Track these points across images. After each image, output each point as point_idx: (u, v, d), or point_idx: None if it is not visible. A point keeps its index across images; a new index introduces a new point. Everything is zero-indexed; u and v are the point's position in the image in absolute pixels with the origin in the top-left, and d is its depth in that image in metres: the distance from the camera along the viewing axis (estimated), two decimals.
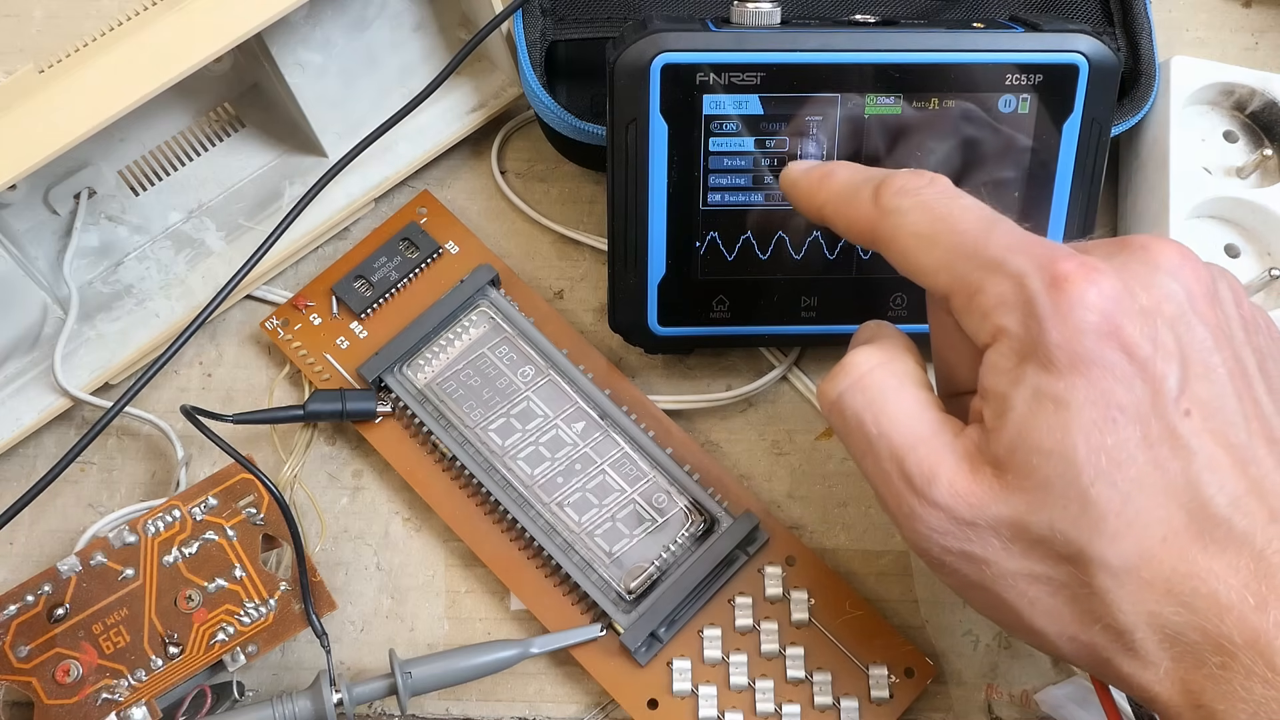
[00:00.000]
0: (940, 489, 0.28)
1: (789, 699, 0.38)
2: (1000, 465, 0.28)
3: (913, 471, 0.29)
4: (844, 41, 0.37)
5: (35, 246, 0.43)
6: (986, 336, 0.29)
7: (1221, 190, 0.43)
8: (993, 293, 0.28)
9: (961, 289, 0.29)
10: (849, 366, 0.31)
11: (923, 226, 0.30)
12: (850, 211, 0.32)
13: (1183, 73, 0.44)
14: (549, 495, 0.40)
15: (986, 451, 0.28)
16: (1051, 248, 0.28)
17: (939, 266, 0.30)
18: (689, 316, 0.41)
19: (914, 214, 0.30)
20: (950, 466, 0.28)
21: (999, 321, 0.28)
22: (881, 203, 0.31)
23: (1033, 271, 0.28)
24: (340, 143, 0.45)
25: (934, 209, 0.30)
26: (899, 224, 0.31)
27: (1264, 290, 0.42)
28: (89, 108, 0.36)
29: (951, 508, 0.28)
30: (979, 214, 0.30)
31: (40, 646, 0.36)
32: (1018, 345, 0.28)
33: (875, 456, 0.30)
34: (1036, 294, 0.27)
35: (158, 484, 0.43)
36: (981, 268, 0.29)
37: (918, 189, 0.31)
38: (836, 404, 0.31)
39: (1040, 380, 0.27)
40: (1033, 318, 0.27)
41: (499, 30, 0.44)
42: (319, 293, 0.44)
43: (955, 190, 0.31)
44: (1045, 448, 0.27)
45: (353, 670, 0.40)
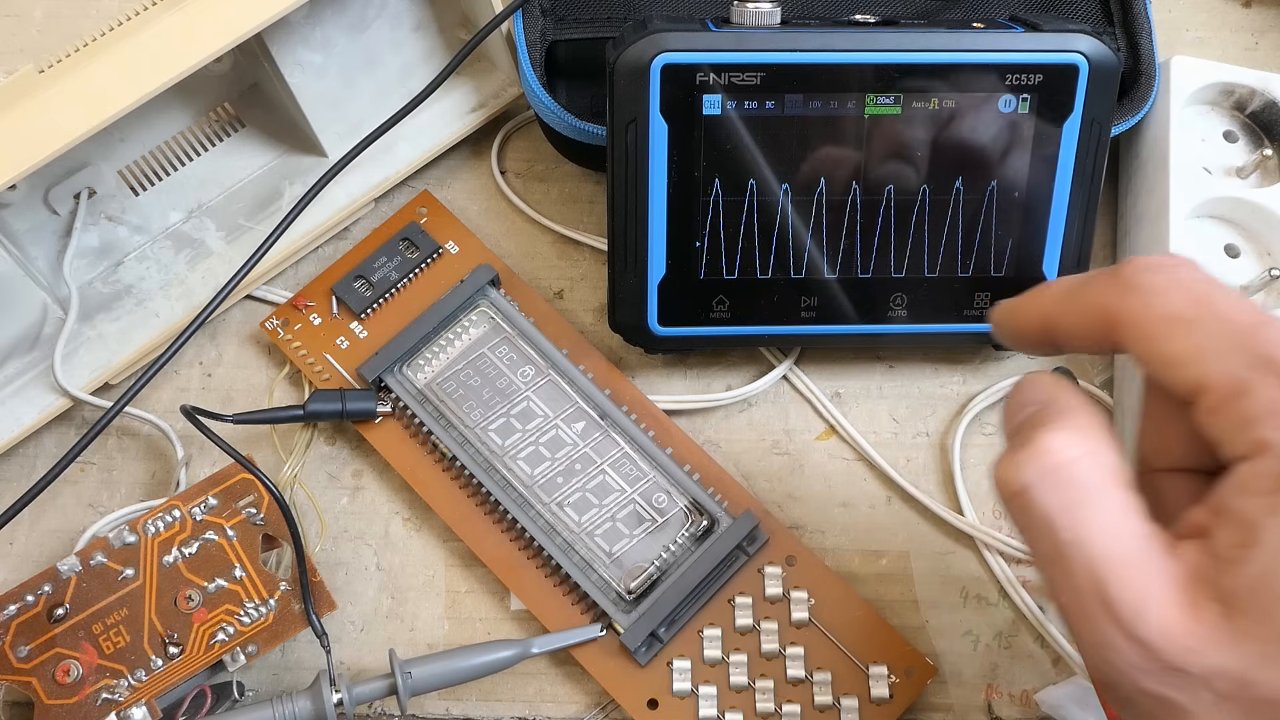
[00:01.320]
0: (1150, 624, 0.24)
1: (789, 699, 0.38)
2: (1233, 605, 0.23)
3: (1117, 597, 0.24)
4: (844, 41, 0.37)
5: (35, 246, 0.43)
6: (1243, 448, 0.24)
7: (1221, 190, 0.43)
8: (1263, 398, 0.24)
9: (1223, 386, 0.25)
10: (1042, 452, 0.26)
11: (1180, 308, 0.26)
12: (1083, 306, 0.28)
13: (1183, 73, 0.44)
14: (549, 495, 0.40)
15: (1215, 584, 0.24)
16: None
17: (1200, 355, 0.25)
18: (689, 316, 0.41)
19: (1170, 293, 0.26)
20: (1164, 598, 0.24)
21: (1264, 435, 0.24)
22: (1124, 278, 0.27)
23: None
24: (340, 143, 0.45)
25: (1194, 290, 0.26)
26: (1149, 303, 0.26)
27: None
28: (89, 108, 0.36)
29: (1161, 649, 0.24)
30: (1248, 304, 0.26)
31: (40, 646, 0.36)
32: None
33: (1067, 569, 0.25)
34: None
35: (158, 484, 0.43)
36: (1251, 365, 0.24)
37: (1171, 267, 0.27)
38: (1021, 496, 0.26)
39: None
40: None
41: (499, 30, 0.44)
42: (319, 293, 0.44)
43: (1212, 276, 0.27)
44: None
45: (353, 670, 0.40)
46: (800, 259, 0.40)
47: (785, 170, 0.39)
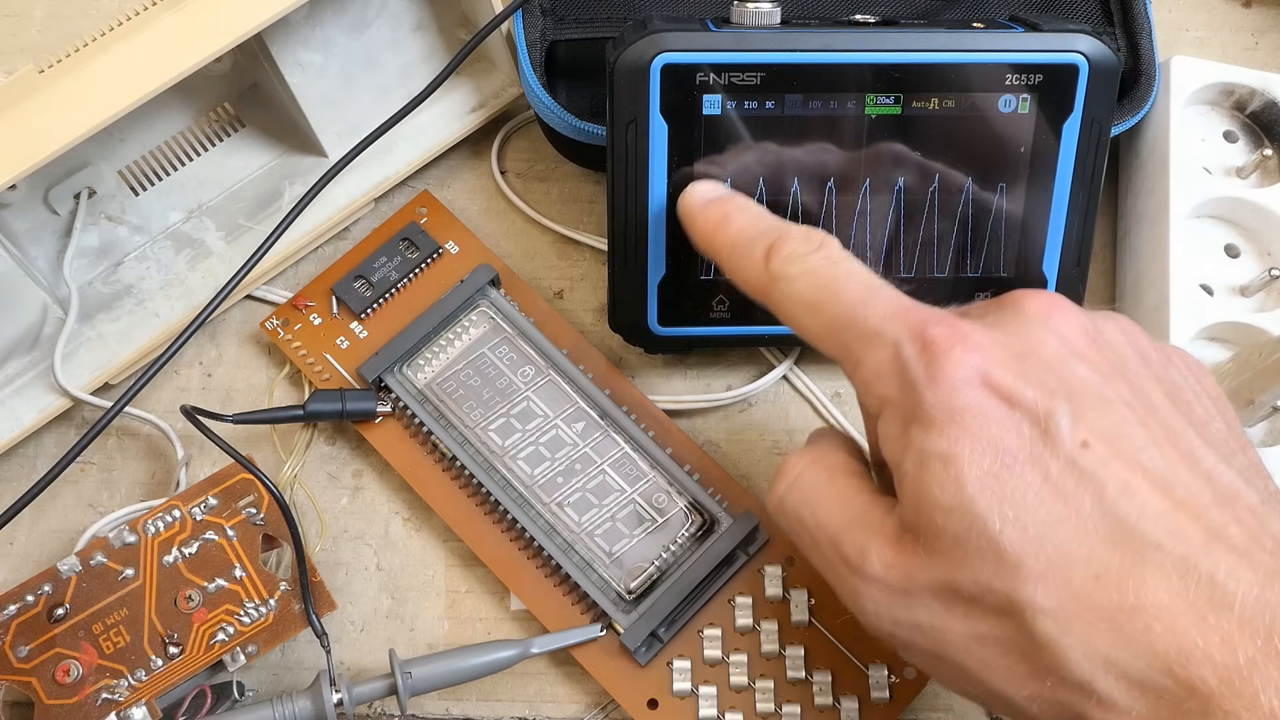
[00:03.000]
0: (872, 562, 0.29)
1: (789, 699, 0.38)
2: (915, 532, 0.28)
3: (848, 552, 0.29)
4: (844, 41, 0.37)
5: (35, 246, 0.43)
6: (874, 408, 0.30)
7: (1221, 190, 0.43)
8: (871, 363, 0.29)
9: (846, 359, 0.30)
10: (784, 471, 0.32)
11: (808, 294, 0.31)
12: (744, 269, 0.33)
13: (1183, 72, 0.44)
14: (549, 495, 0.40)
15: (904, 521, 0.29)
16: (924, 312, 0.29)
17: (824, 336, 0.31)
18: (689, 316, 0.41)
19: (800, 281, 0.31)
20: (878, 541, 0.29)
21: (880, 391, 0.29)
22: (771, 267, 0.32)
23: (906, 338, 0.29)
24: (340, 143, 0.45)
25: (819, 276, 0.31)
26: (787, 290, 0.32)
27: (1264, 290, 0.42)
28: (89, 108, 0.36)
29: (885, 579, 0.29)
30: (861, 281, 0.31)
31: (40, 646, 0.36)
32: (899, 411, 0.28)
33: (817, 547, 0.31)
34: (909, 359, 0.28)
35: (158, 484, 0.43)
36: (860, 339, 0.30)
37: (805, 254, 0.32)
38: (779, 507, 0.32)
39: (924, 440, 0.28)
40: (907, 382, 0.28)
41: (499, 30, 0.44)
42: (319, 293, 0.44)
43: (842, 255, 0.32)
44: (944, 504, 0.27)
45: (353, 670, 0.40)
46: None
47: (785, 170, 0.39)
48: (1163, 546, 0.26)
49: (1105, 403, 0.28)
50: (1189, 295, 0.41)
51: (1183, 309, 0.41)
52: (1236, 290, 0.42)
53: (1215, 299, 0.42)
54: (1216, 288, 0.42)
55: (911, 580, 0.28)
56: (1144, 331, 0.31)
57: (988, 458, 0.27)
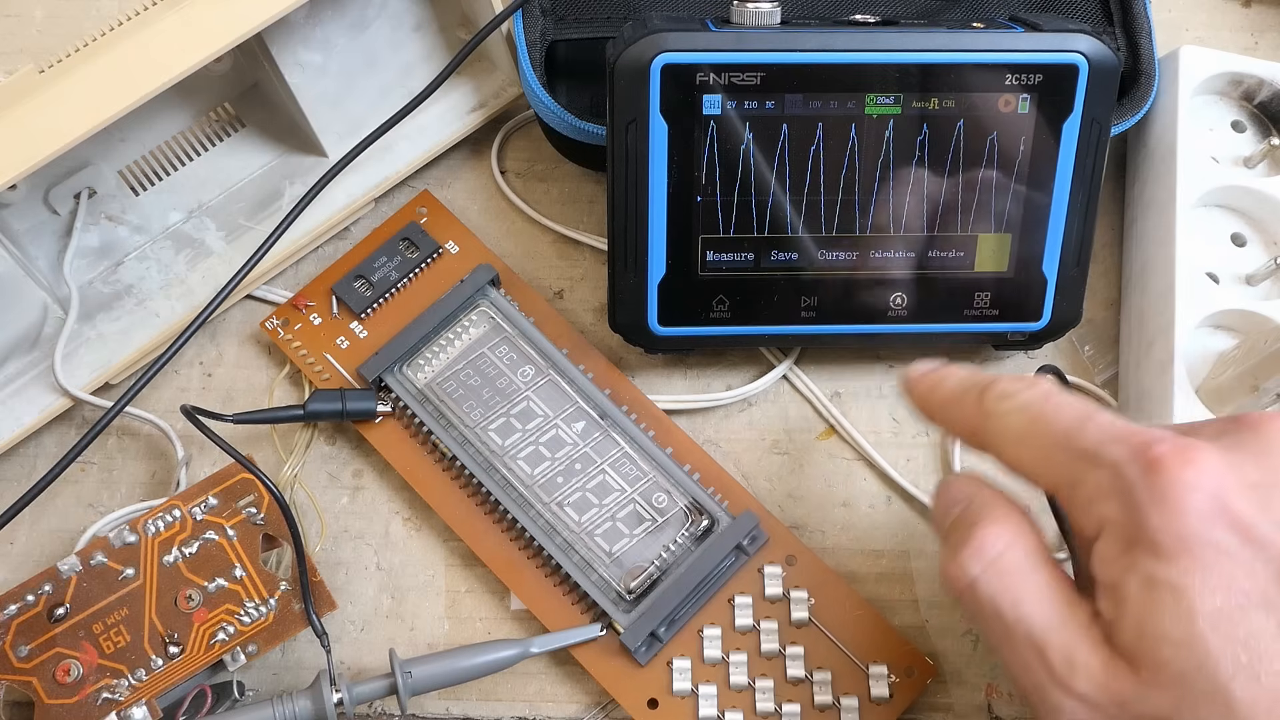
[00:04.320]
0: (1081, 679, 0.27)
1: (789, 698, 0.38)
2: (1133, 658, 0.26)
3: (1054, 659, 0.27)
4: (844, 41, 0.37)
5: (35, 246, 0.43)
6: (1092, 529, 0.28)
7: (1229, 179, 0.43)
8: (1090, 484, 0.28)
9: (1062, 483, 0.29)
10: (981, 549, 0.29)
11: (1022, 426, 0.30)
12: (958, 418, 0.32)
13: (1191, 62, 0.44)
14: (549, 495, 0.40)
15: (1117, 644, 0.27)
16: (1147, 433, 0.27)
17: (1039, 463, 0.29)
18: (689, 316, 0.41)
19: (1013, 416, 0.30)
20: (1088, 656, 0.27)
21: (1101, 512, 0.27)
22: (984, 406, 0.31)
23: (1128, 458, 0.27)
24: (340, 143, 0.45)
25: (1031, 408, 0.30)
26: (1001, 426, 0.30)
27: (1270, 278, 0.42)
28: (89, 108, 0.36)
29: (1094, 699, 0.27)
30: (1074, 409, 0.29)
31: (40, 646, 0.36)
32: (1122, 532, 0.27)
33: (1013, 644, 0.28)
34: (1133, 479, 0.27)
35: (158, 484, 0.43)
36: (1077, 460, 0.28)
37: (1017, 392, 0.31)
38: (971, 589, 0.29)
39: (1151, 566, 0.26)
40: (1132, 503, 0.26)
41: (499, 30, 0.44)
42: (319, 293, 0.44)
43: (1054, 389, 0.30)
44: (1173, 638, 0.25)
45: (353, 670, 0.40)
46: (800, 259, 0.40)
47: (785, 170, 0.39)
48: None
49: None
50: (1195, 283, 0.41)
51: (1189, 296, 0.41)
52: (1242, 278, 0.42)
53: (1221, 287, 0.42)
54: (1223, 276, 0.42)
55: (1124, 707, 0.26)
56: None
57: (1220, 594, 0.25)
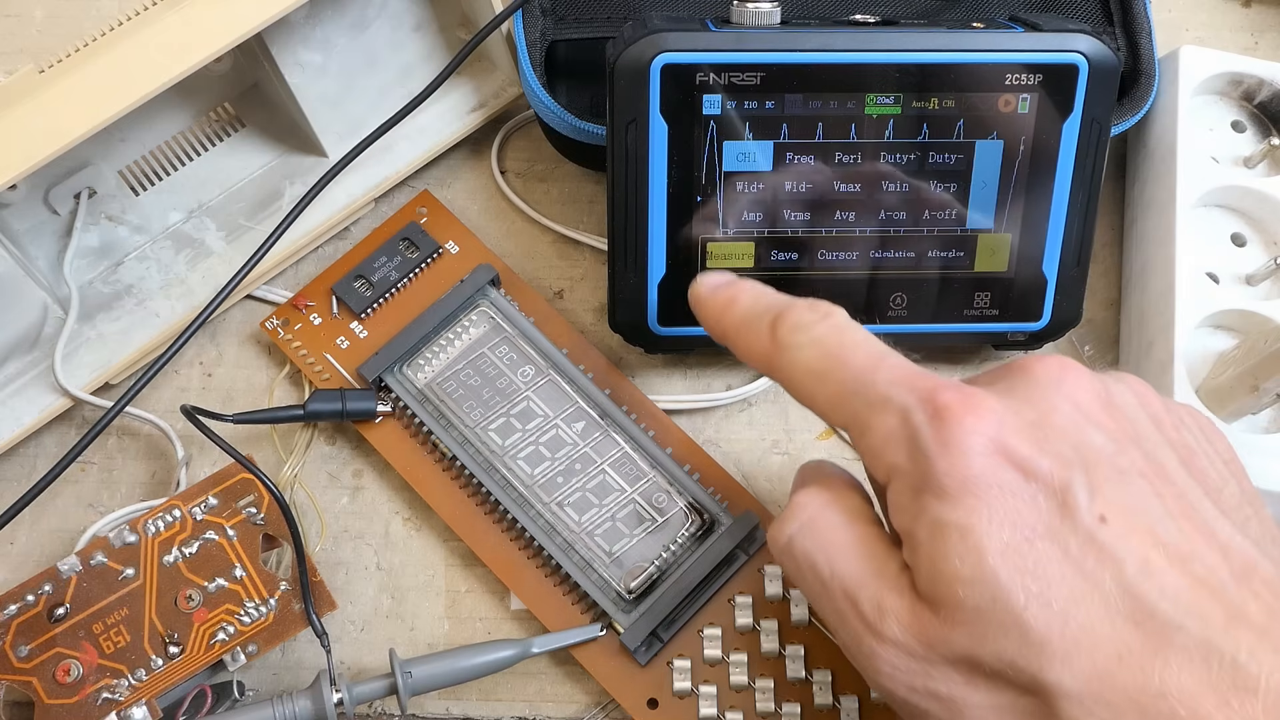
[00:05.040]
0: (891, 624, 0.27)
1: (789, 698, 0.38)
2: (932, 601, 0.27)
3: (865, 609, 0.28)
4: (844, 41, 0.37)
5: (35, 246, 0.43)
6: (882, 475, 0.29)
7: (1229, 179, 0.43)
8: (880, 430, 0.28)
9: (853, 426, 0.29)
10: (796, 508, 0.30)
11: (814, 363, 0.30)
12: (750, 343, 0.32)
13: (1191, 62, 0.44)
14: (549, 495, 0.40)
15: (919, 589, 0.27)
16: (933, 380, 0.28)
17: (831, 403, 0.30)
18: (689, 316, 0.40)
19: (806, 350, 0.31)
20: (897, 601, 0.28)
21: (889, 459, 0.28)
22: (777, 337, 0.31)
23: (915, 405, 0.28)
24: (340, 143, 0.45)
25: (825, 344, 0.30)
26: (793, 360, 0.31)
27: (1270, 279, 0.42)
28: (89, 108, 0.36)
29: (905, 643, 0.27)
30: (868, 349, 0.30)
31: (40, 646, 0.36)
32: (910, 479, 0.28)
33: (830, 597, 0.29)
34: (919, 426, 0.27)
35: (158, 484, 0.43)
36: (868, 405, 0.29)
37: (811, 324, 0.31)
38: (788, 548, 0.30)
39: (938, 509, 0.27)
40: (918, 450, 0.27)
41: (499, 30, 0.44)
42: (319, 293, 0.44)
43: (848, 324, 0.31)
44: (965, 576, 0.26)
45: (353, 670, 0.40)
46: (800, 259, 0.40)
47: (785, 170, 0.39)
48: (1184, 628, 0.25)
49: (1121, 473, 0.27)
50: (1195, 283, 0.41)
51: (1189, 297, 0.41)
52: (1242, 279, 0.42)
53: (1221, 287, 0.42)
54: (1223, 276, 0.42)
55: (931, 649, 0.27)
56: (1155, 392, 0.30)
57: (1006, 530, 0.26)
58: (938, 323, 0.41)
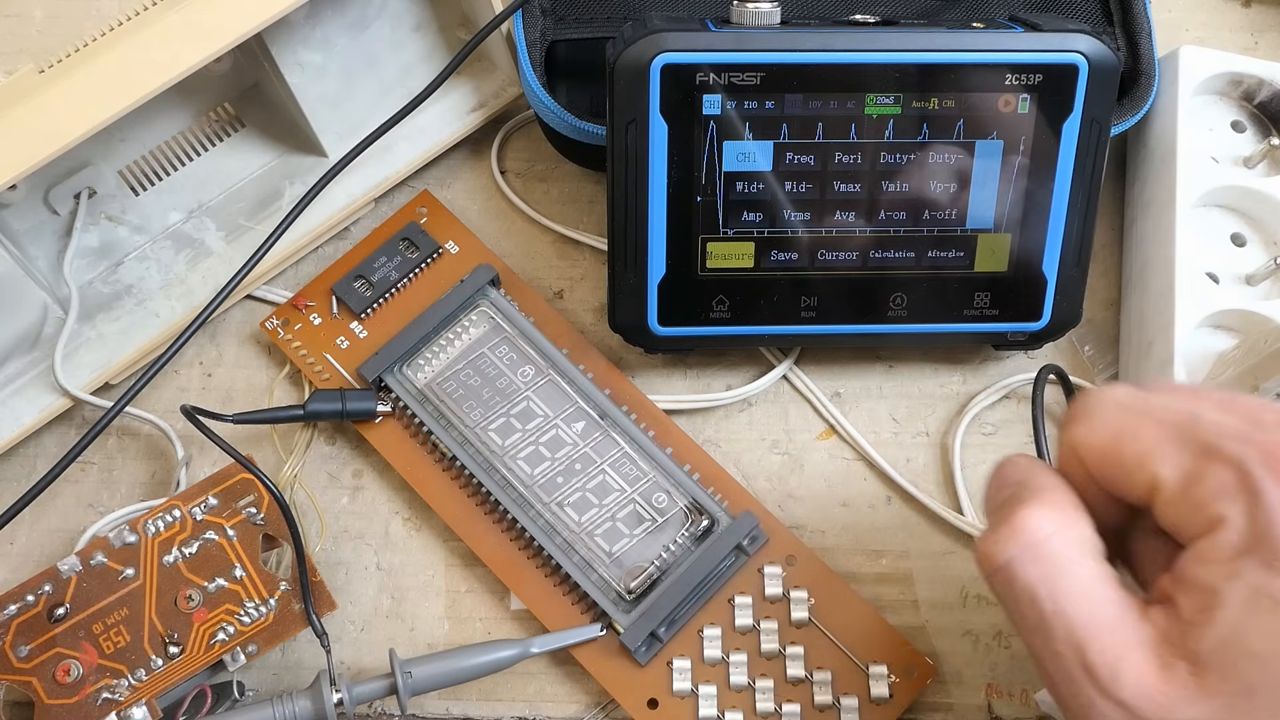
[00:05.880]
0: (1126, 686, 0.26)
1: (789, 698, 0.38)
2: (1200, 663, 0.25)
3: (1095, 662, 0.26)
4: (844, 42, 0.37)
5: (35, 246, 0.43)
6: (1199, 527, 0.26)
7: (1228, 179, 0.43)
8: (1212, 482, 0.26)
9: (1173, 481, 0.27)
10: (1021, 530, 0.28)
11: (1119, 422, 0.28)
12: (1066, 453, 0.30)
13: (1191, 62, 0.44)
14: (549, 495, 0.40)
15: (1182, 646, 0.26)
16: (1269, 431, 0.26)
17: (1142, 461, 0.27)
18: (689, 316, 0.41)
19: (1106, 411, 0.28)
20: (1138, 660, 0.26)
21: (1216, 511, 0.26)
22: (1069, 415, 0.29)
23: (1257, 459, 0.26)
24: (340, 143, 0.45)
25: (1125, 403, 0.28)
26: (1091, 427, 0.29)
27: (1270, 279, 0.42)
28: (89, 108, 0.36)
29: (1137, 707, 0.26)
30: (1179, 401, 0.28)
31: (40, 646, 0.36)
32: (1237, 538, 0.25)
33: (1049, 637, 0.27)
34: (1262, 482, 0.25)
35: (158, 484, 0.43)
36: (1196, 456, 0.26)
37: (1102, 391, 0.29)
38: (1004, 571, 0.27)
39: (1261, 578, 0.25)
40: (1259, 509, 0.25)
41: (499, 30, 0.44)
42: (319, 293, 0.44)
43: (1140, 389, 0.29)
44: (1258, 651, 0.25)
45: (353, 670, 0.40)
46: (800, 259, 0.40)
47: (785, 170, 0.39)
48: None
49: None
50: (1195, 283, 0.41)
51: (1188, 296, 0.41)
52: (1242, 278, 0.42)
53: (1221, 287, 0.42)
54: (1222, 276, 0.42)
55: (1170, 714, 0.25)
56: None
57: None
58: (937, 323, 0.41)
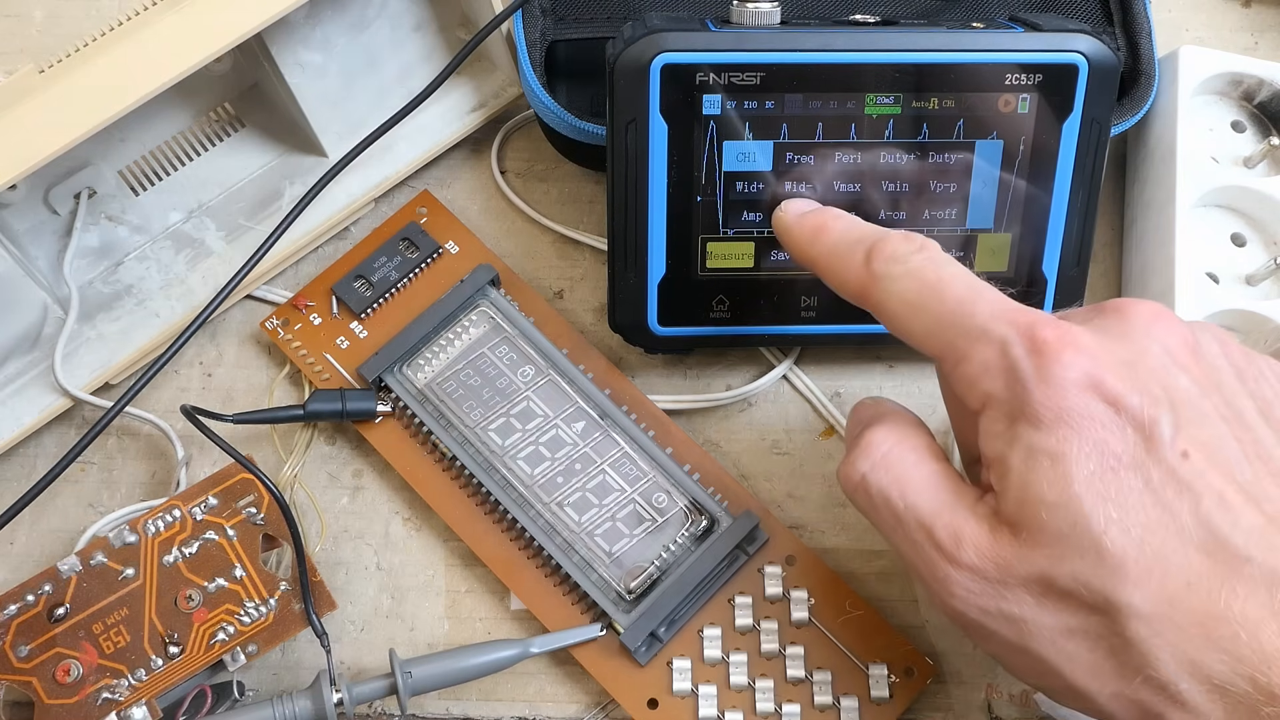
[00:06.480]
0: (967, 550, 0.29)
1: (789, 698, 0.38)
2: (1015, 524, 0.29)
3: (941, 537, 0.30)
4: (844, 41, 0.37)
5: (35, 246, 0.43)
6: (976, 403, 0.30)
7: (1228, 179, 0.43)
8: (977, 360, 0.30)
9: (949, 356, 0.31)
10: (868, 447, 0.32)
11: (911, 294, 0.31)
12: (842, 272, 0.33)
13: (1191, 62, 0.44)
14: (549, 495, 0.40)
15: (1001, 513, 0.29)
16: (1032, 314, 0.30)
17: (927, 334, 0.31)
18: (689, 316, 0.41)
19: (903, 281, 0.32)
20: (974, 529, 0.29)
21: (986, 387, 0.30)
22: (873, 267, 0.32)
23: (1014, 338, 0.29)
24: (340, 143, 0.45)
25: (923, 276, 0.31)
26: (889, 290, 0.32)
27: (1270, 279, 0.42)
28: (89, 108, 0.36)
29: (980, 568, 0.29)
30: (966, 282, 0.31)
31: (40, 646, 0.36)
32: (1006, 408, 0.29)
33: (905, 529, 0.31)
34: (1019, 358, 0.29)
35: (158, 484, 0.43)
36: (966, 336, 0.30)
37: (908, 254, 0.32)
38: (861, 484, 0.32)
39: (1032, 437, 0.28)
40: (1017, 380, 0.29)
41: (499, 30, 0.44)
42: (319, 293, 0.44)
43: (944, 257, 0.32)
44: (1050, 500, 0.28)
45: (353, 670, 0.40)
46: None
47: (785, 170, 0.39)
48: (1253, 559, 0.27)
49: (1203, 415, 0.28)
50: (1195, 283, 0.41)
51: (1188, 297, 0.41)
52: (1242, 279, 0.42)
53: (1221, 287, 0.42)
54: (1222, 276, 0.42)
55: (1007, 571, 0.29)
56: (1238, 344, 0.31)
57: (1094, 459, 0.28)
58: None
